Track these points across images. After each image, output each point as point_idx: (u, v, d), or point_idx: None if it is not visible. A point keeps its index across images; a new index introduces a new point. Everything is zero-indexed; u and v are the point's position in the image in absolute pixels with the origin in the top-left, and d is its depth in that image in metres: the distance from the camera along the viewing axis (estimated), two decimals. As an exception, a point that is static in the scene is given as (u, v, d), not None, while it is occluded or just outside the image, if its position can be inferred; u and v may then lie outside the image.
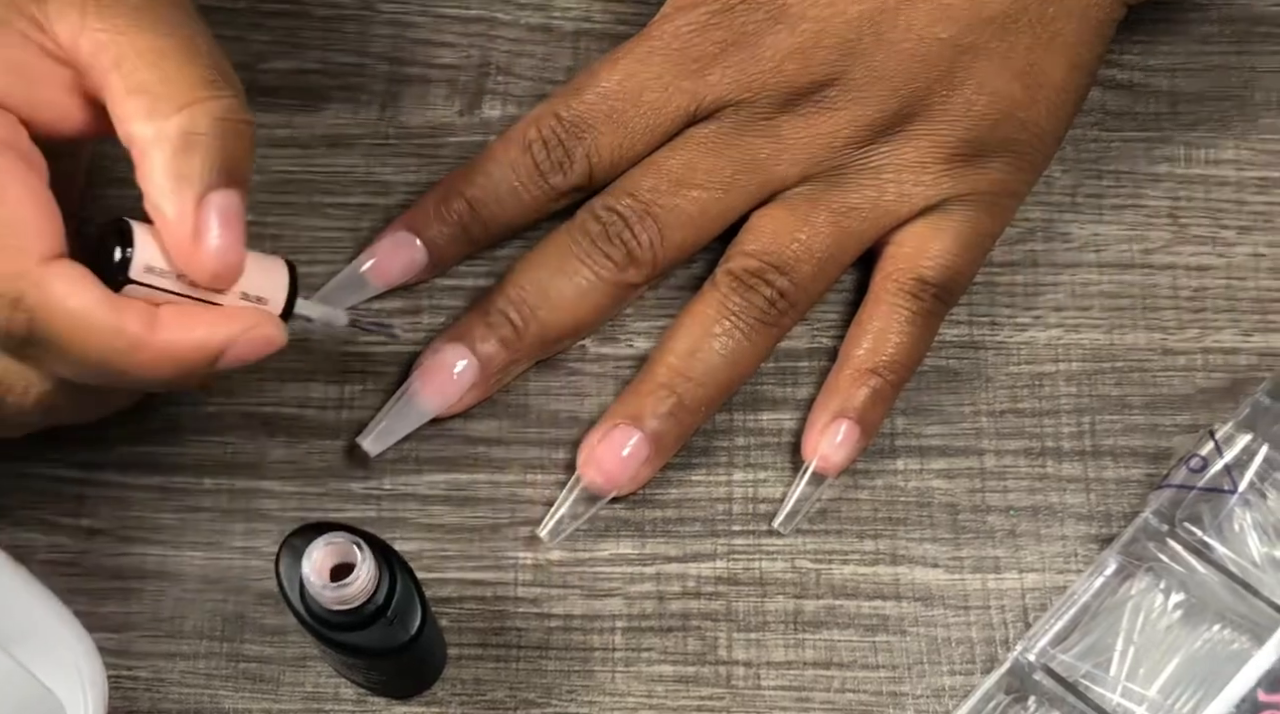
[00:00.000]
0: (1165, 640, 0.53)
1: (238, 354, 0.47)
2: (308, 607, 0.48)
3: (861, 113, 0.56)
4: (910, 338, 0.56)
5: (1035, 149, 0.57)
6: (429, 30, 0.62)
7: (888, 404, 0.56)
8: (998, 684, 0.53)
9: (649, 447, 0.54)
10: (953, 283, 0.56)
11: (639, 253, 0.55)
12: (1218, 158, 0.61)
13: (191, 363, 0.47)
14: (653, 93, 0.56)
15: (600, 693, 0.54)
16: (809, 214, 0.56)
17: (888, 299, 0.56)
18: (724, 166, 0.56)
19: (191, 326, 0.46)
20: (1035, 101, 0.56)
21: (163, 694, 0.54)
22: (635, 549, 0.56)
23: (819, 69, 0.56)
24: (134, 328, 0.45)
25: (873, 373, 0.55)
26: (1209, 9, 0.63)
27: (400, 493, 0.56)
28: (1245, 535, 0.54)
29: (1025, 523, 0.56)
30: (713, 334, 0.55)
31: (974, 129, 0.56)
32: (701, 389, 0.55)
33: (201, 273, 0.47)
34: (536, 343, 0.56)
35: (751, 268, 0.55)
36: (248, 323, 0.47)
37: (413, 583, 0.49)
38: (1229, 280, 0.59)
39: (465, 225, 0.57)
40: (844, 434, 0.55)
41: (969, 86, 0.56)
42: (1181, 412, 0.57)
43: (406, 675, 0.53)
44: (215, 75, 0.46)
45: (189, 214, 0.46)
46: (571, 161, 0.56)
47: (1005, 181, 0.57)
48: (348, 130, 0.61)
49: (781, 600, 0.55)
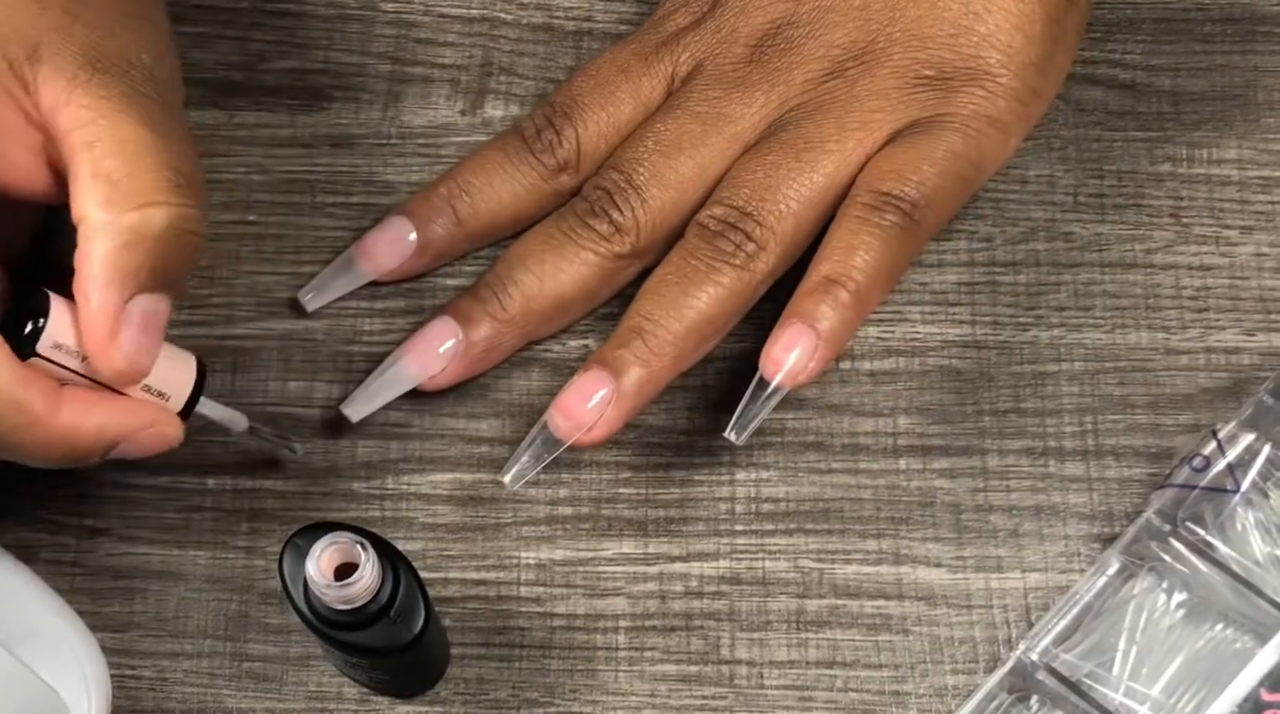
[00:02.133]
0: (1168, 640, 0.53)
1: (132, 449, 0.48)
2: (311, 606, 0.48)
3: (816, 45, 0.56)
4: (874, 251, 0.53)
5: (1007, 70, 0.55)
6: (431, 30, 0.62)
7: (850, 315, 0.53)
8: (1000, 684, 0.53)
9: (614, 392, 0.53)
10: (919, 197, 0.54)
11: (621, 221, 0.55)
12: (1220, 157, 0.61)
13: (84, 450, 0.47)
14: (634, 68, 0.58)
15: (603, 692, 0.54)
16: (772, 155, 0.55)
17: (851, 213, 0.54)
18: (696, 126, 0.56)
19: (91, 414, 0.47)
20: (991, 12, 0.55)
21: (166, 693, 0.54)
22: (638, 549, 0.56)
23: (771, 8, 0.57)
24: (37, 405, 0.46)
25: (833, 282, 0.53)
26: (1211, 8, 0.63)
27: (404, 492, 0.56)
28: (1248, 535, 0.54)
29: (1028, 522, 0.56)
30: (682, 281, 0.54)
31: (931, 50, 0.56)
32: (669, 334, 0.53)
33: (107, 369, 0.47)
34: (522, 318, 0.56)
35: (717, 215, 0.55)
36: (147, 419, 0.48)
37: (416, 582, 0.49)
38: (1232, 280, 0.59)
39: (457, 211, 0.57)
40: (799, 340, 0.52)
41: (919, 3, 0.56)
42: (1184, 411, 0.57)
43: (410, 675, 0.53)
44: (182, 181, 0.47)
45: (112, 310, 0.46)
46: (560, 138, 0.57)
47: (980, 107, 0.55)
48: (350, 130, 0.61)
49: (784, 600, 0.55)
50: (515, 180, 0.57)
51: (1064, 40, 0.57)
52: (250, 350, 0.58)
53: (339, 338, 0.58)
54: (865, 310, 0.53)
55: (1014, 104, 0.56)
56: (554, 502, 0.56)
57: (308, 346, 0.58)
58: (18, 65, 0.46)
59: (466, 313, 0.56)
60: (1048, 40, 0.56)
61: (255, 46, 0.62)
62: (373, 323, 0.58)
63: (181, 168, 0.47)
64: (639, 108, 0.58)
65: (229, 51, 0.62)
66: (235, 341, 0.58)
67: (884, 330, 0.58)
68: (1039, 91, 0.57)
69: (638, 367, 0.53)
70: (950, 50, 0.55)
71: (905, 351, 0.58)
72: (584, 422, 0.53)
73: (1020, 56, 0.56)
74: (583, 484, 0.56)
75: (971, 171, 0.56)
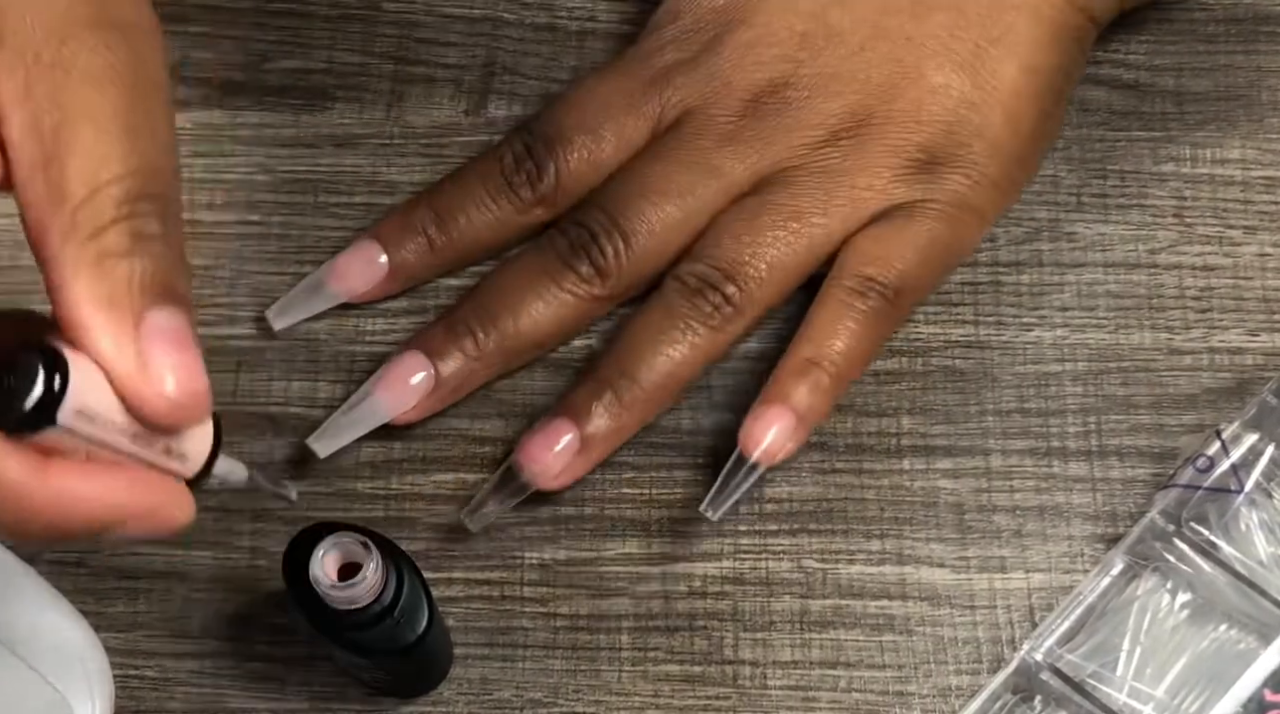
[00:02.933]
0: (1172, 640, 0.53)
1: (129, 534, 0.39)
2: (315, 606, 0.48)
3: (813, 112, 0.56)
4: (854, 336, 0.54)
5: (994, 162, 0.56)
6: (434, 30, 0.62)
7: (828, 397, 0.54)
8: (1004, 684, 0.53)
9: (581, 441, 0.54)
10: (902, 283, 0.55)
11: (603, 264, 0.55)
12: (1224, 157, 0.61)
13: (70, 530, 0.38)
14: (618, 105, 0.57)
15: (606, 692, 0.54)
16: (759, 218, 0.55)
17: (834, 296, 0.55)
18: (684, 174, 0.56)
19: (86, 485, 0.38)
20: (988, 103, 0.56)
21: (170, 694, 0.54)
22: (641, 549, 0.56)
23: (772, 65, 0.57)
24: (13, 478, 0.37)
25: (812, 364, 0.54)
26: (1215, 8, 0.63)
27: (407, 493, 0.56)
28: (1252, 535, 0.54)
29: (1031, 523, 0.56)
30: (657, 336, 0.55)
31: (927, 133, 0.56)
32: (639, 389, 0.54)
33: (159, 406, 0.38)
34: (497, 354, 0.56)
35: (698, 272, 0.55)
36: (155, 501, 0.39)
37: (420, 583, 0.49)
38: (1235, 280, 0.59)
39: (430, 238, 0.57)
40: (777, 420, 0.53)
41: (920, 84, 0.56)
42: (1188, 411, 0.57)
43: (413, 675, 0.53)
44: (145, 190, 0.39)
45: (128, 343, 0.38)
46: (540, 173, 0.57)
47: (963, 195, 0.56)
48: (353, 130, 0.61)
49: (788, 600, 0.55)
50: (489, 211, 0.57)
51: (1047, 135, 0.58)
52: (253, 351, 0.58)
53: (342, 338, 0.58)
54: (842, 390, 0.55)
55: (993, 193, 0.57)
56: (557, 502, 0.56)
57: (310, 347, 0.58)
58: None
59: (440, 348, 0.55)
60: (1034, 138, 0.57)
61: (258, 46, 0.62)
62: (375, 323, 0.58)
63: (151, 164, 0.39)
64: (622, 147, 0.57)
65: (231, 51, 0.61)
66: (238, 342, 0.58)
67: (887, 330, 0.58)
68: (1015, 182, 0.58)
69: (606, 419, 0.54)
70: (943, 136, 0.56)
71: (908, 352, 0.58)
72: (551, 468, 0.54)
73: (1006, 150, 0.56)
74: (586, 484, 0.56)
75: (950, 257, 0.57)
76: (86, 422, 0.37)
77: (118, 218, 0.38)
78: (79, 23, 0.39)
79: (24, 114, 0.38)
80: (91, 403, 0.37)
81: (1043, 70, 0.56)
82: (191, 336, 0.39)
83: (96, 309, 0.38)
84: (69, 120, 0.38)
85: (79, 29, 0.39)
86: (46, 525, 0.38)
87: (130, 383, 0.38)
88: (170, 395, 0.38)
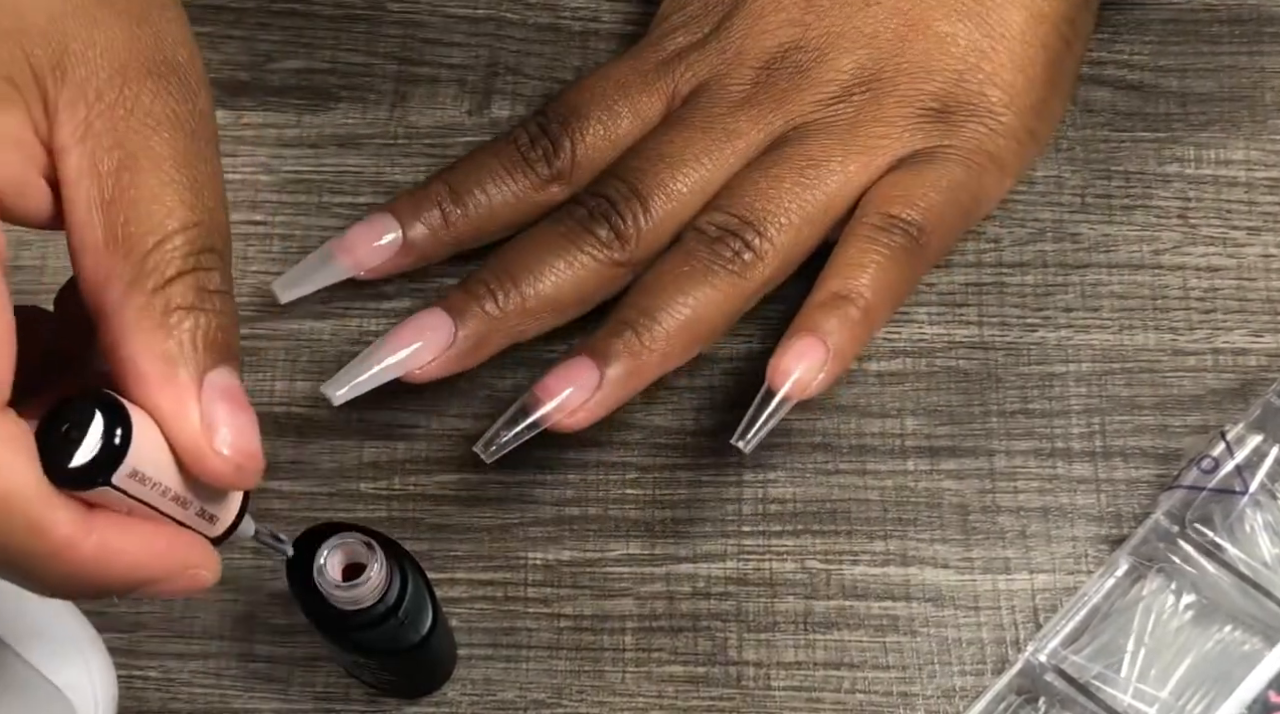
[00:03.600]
0: (1176, 642, 0.53)
1: (160, 591, 0.39)
2: (319, 606, 0.48)
3: (824, 69, 0.56)
4: (883, 271, 0.53)
5: (1010, 111, 0.56)
6: (438, 30, 0.62)
7: (859, 331, 0.53)
8: (1009, 685, 0.53)
9: (599, 380, 0.52)
10: (925, 221, 0.54)
11: (622, 229, 0.55)
12: (1228, 158, 0.61)
13: (105, 588, 0.38)
14: (633, 84, 0.57)
15: (610, 693, 0.54)
16: (776, 169, 0.55)
17: (860, 233, 0.54)
18: (700, 139, 0.56)
19: (126, 541, 0.38)
20: (997, 50, 0.56)
21: (173, 694, 0.54)
22: (645, 550, 0.56)
23: (780, 31, 0.57)
24: (62, 533, 0.36)
25: (840, 298, 0.53)
26: (1219, 9, 0.63)
27: (410, 493, 0.56)
28: (1256, 536, 0.54)
29: (1036, 524, 0.56)
30: (678, 281, 0.54)
31: (938, 82, 0.56)
32: (661, 329, 0.53)
33: (218, 472, 0.38)
34: (515, 316, 0.54)
35: (717, 222, 0.55)
36: (190, 562, 0.39)
37: (424, 583, 0.49)
38: (1239, 281, 0.59)
39: (445, 212, 0.56)
40: (810, 353, 0.52)
41: (927, 35, 0.56)
42: (1192, 412, 0.57)
43: (417, 675, 0.53)
44: (210, 243, 0.39)
45: (191, 403, 0.38)
46: (556, 149, 0.57)
47: (979, 141, 0.56)
48: (357, 130, 0.61)
49: (792, 601, 0.55)
50: (506, 187, 0.57)
51: (1060, 86, 0.58)
52: (256, 351, 0.58)
53: (345, 338, 0.58)
54: (873, 328, 0.53)
55: (1012, 143, 0.56)
56: (561, 502, 0.56)
57: (314, 347, 0.58)
58: (41, 74, 0.38)
59: (460, 307, 0.54)
60: (1046, 84, 0.57)
61: (262, 46, 0.62)
62: (379, 323, 0.58)
63: (212, 217, 0.40)
64: (637, 123, 0.57)
65: (235, 51, 0.61)
66: (241, 342, 0.57)
67: (891, 331, 0.58)
68: (1035, 133, 0.57)
69: (626, 357, 0.53)
70: (955, 85, 0.56)
71: (913, 352, 0.58)
72: (566, 405, 0.52)
73: (1021, 98, 0.56)
74: (590, 485, 0.56)
75: (972, 203, 0.56)
76: (137, 483, 0.37)
77: (183, 270, 0.38)
78: (141, 66, 0.39)
79: (83, 152, 0.38)
80: (147, 464, 0.37)
81: (1049, 17, 0.56)
82: (245, 396, 0.39)
83: (160, 365, 0.37)
84: (131, 163, 0.38)
85: (141, 72, 0.39)
86: (86, 580, 0.37)
87: (192, 444, 0.38)
88: (230, 457, 0.38)
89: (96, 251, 0.38)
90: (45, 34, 0.38)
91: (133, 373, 0.38)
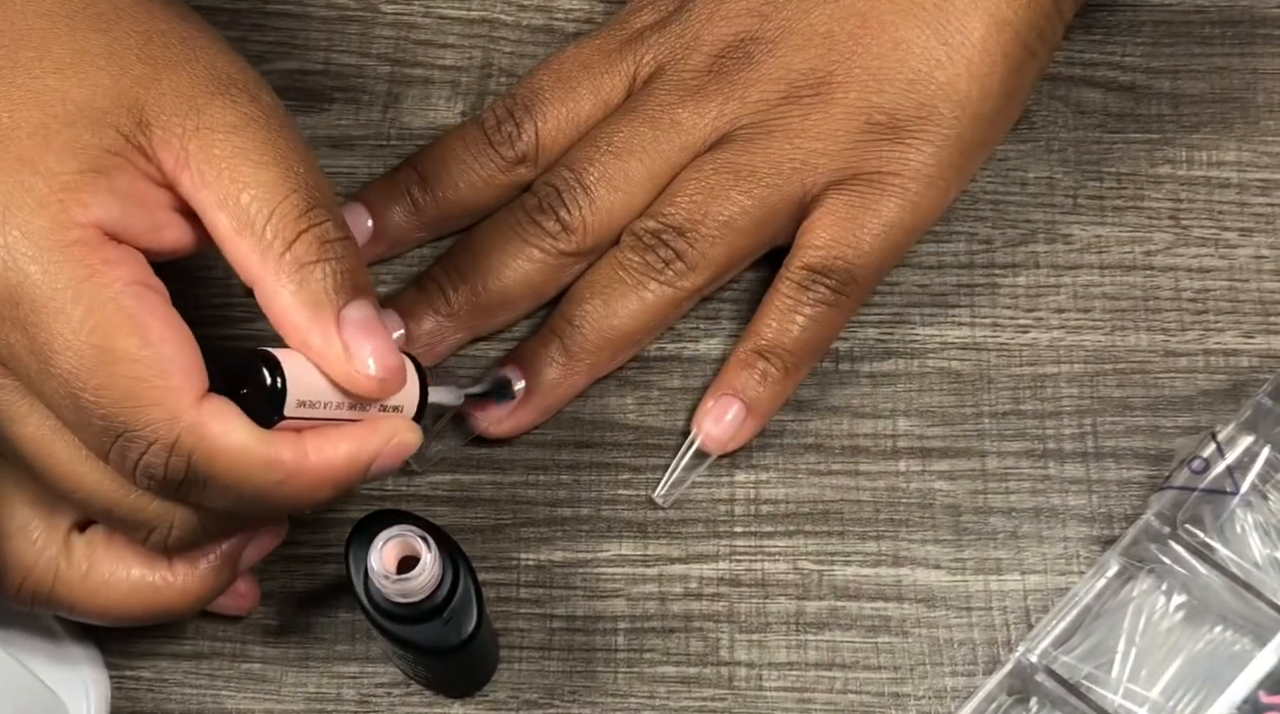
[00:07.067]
0: (1167, 642, 0.53)
1: (382, 466, 0.47)
2: (369, 594, 0.49)
3: (774, 66, 0.56)
4: (805, 329, 0.55)
5: (958, 123, 0.55)
6: (431, 31, 0.62)
7: (779, 389, 0.56)
8: (1000, 685, 0.53)
9: (527, 391, 0.55)
10: (855, 270, 0.55)
11: (568, 220, 0.56)
12: (1220, 159, 0.61)
13: (344, 483, 0.47)
14: (596, 65, 0.58)
15: (602, 694, 0.54)
16: (713, 177, 0.56)
17: (781, 288, 0.56)
18: (649, 130, 0.57)
19: (337, 447, 0.46)
20: (954, 60, 0.55)
21: (165, 694, 0.54)
22: (637, 550, 0.56)
23: (738, 20, 0.57)
24: (288, 458, 0.45)
25: (759, 356, 0.55)
26: (1211, 11, 0.63)
27: (403, 494, 0.56)
28: (1247, 537, 0.54)
29: (1027, 524, 0.56)
30: (605, 289, 0.56)
31: (889, 94, 0.55)
32: (585, 339, 0.55)
33: (367, 385, 0.46)
34: (466, 312, 0.56)
35: (650, 228, 0.56)
36: (389, 434, 0.47)
37: (474, 584, 0.49)
38: (1231, 282, 0.59)
39: (414, 198, 0.57)
40: (727, 412, 0.55)
41: (882, 39, 0.55)
42: (1183, 413, 0.57)
43: (454, 675, 0.53)
44: (313, 201, 0.46)
45: (333, 337, 0.45)
46: (520, 131, 0.57)
47: (920, 164, 0.55)
48: (350, 131, 0.61)
49: (784, 602, 0.55)
50: (473, 171, 0.57)
51: (1019, 93, 0.57)
52: (250, 351, 0.58)
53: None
54: (795, 381, 0.56)
55: (957, 157, 0.56)
56: (553, 503, 0.56)
57: (307, 348, 0.58)
58: (132, 136, 0.45)
59: (410, 307, 0.56)
60: (1002, 95, 0.56)
61: (255, 48, 0.62)
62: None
63: (306, 183, 0.46)
64: (599, 104, 0.58)
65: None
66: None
67: (883, 332, 0.58)
68: (985, 143, 0.57)
69: (554, 367, 0.55)
70: (905, 97, 0.55)
71: (905, 353, 0.58)
72: (492, 415, 0.55)
73: (973, 108, 0.56)
74: (582, 486, 0.56)
75: (906, 238, 0.57)
76: (308, 408, 0.46)
77: (301, 230, 0.45)
78: (205, 91, 0.46)
79: (190, 175, 0.45)
80: (309, 392, 0.45)
81: (1012, 24, 0.55)
82: (380, 321, 0.46)
83: (303, 313, 0.45)
84: (227, 165, 0.45)
85: (207, 96, 0.46)
86: (321, 484, 0.46)
87: (340, 370, 0.46)
88: (374, 375, 0.46)
89: (232, 240, 0.45)
90: (119, 104, 0.45)
91: (287, 323, 0.45)
